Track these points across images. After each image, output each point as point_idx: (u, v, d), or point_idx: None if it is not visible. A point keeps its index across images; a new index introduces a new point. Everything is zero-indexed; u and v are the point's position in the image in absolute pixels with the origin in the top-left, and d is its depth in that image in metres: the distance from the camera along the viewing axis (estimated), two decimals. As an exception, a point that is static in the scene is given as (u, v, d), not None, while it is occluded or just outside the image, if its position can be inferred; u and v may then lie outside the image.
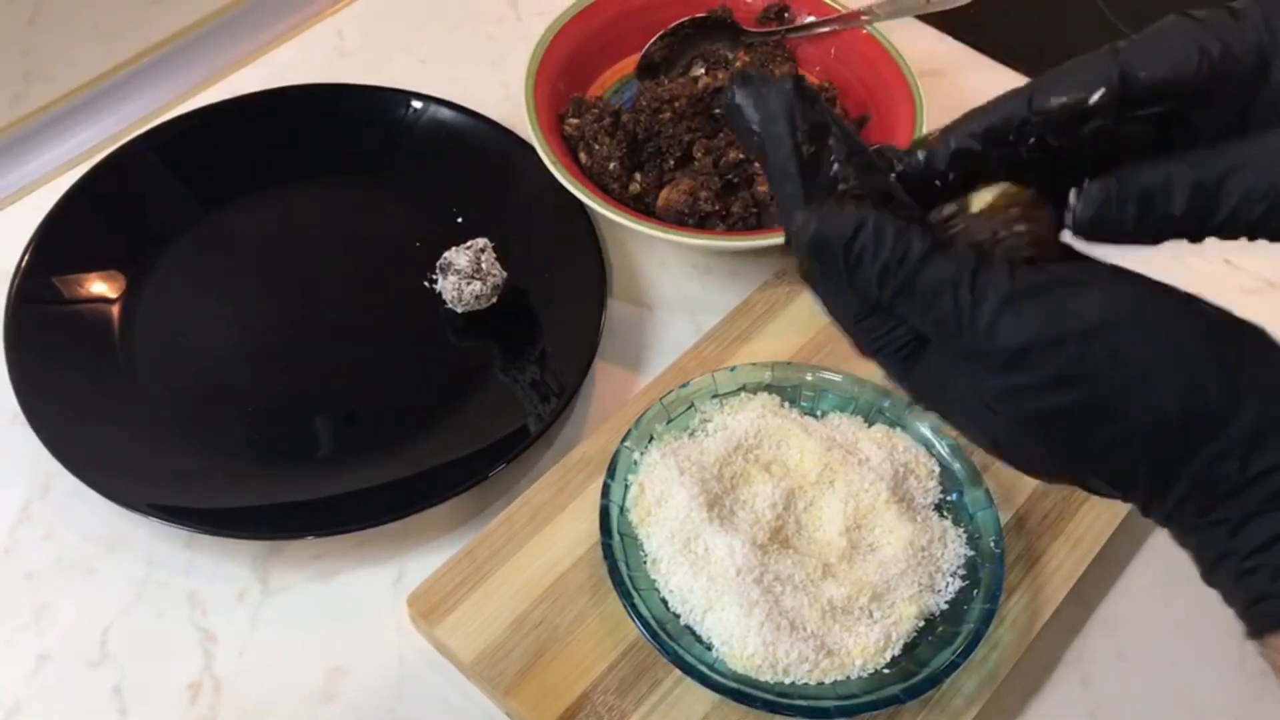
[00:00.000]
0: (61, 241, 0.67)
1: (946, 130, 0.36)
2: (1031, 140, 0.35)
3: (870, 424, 0.59)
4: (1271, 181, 0.32)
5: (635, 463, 0.57)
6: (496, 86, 0.80)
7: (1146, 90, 0.34)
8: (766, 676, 0.51)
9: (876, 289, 0.34)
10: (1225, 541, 0.33)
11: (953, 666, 0.51)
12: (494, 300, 0.66)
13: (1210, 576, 0.35)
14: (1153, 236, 0.34)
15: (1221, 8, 0.35)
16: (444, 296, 0.66)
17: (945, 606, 0.54)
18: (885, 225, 0.33)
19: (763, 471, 0.57)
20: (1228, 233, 0.34)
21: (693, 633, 0.52)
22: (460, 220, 0.71)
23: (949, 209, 0.36)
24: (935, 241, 0.34)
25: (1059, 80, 0.35)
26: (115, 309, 0.66)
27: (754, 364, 0.61)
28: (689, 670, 0.50)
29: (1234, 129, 0.34)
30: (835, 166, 0.35)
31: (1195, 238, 0.34)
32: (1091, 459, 0.34)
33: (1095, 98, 0.34)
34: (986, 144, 0.36)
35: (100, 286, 0.67)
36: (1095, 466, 0.34)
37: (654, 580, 0.54)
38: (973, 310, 0.33)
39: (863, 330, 0.37)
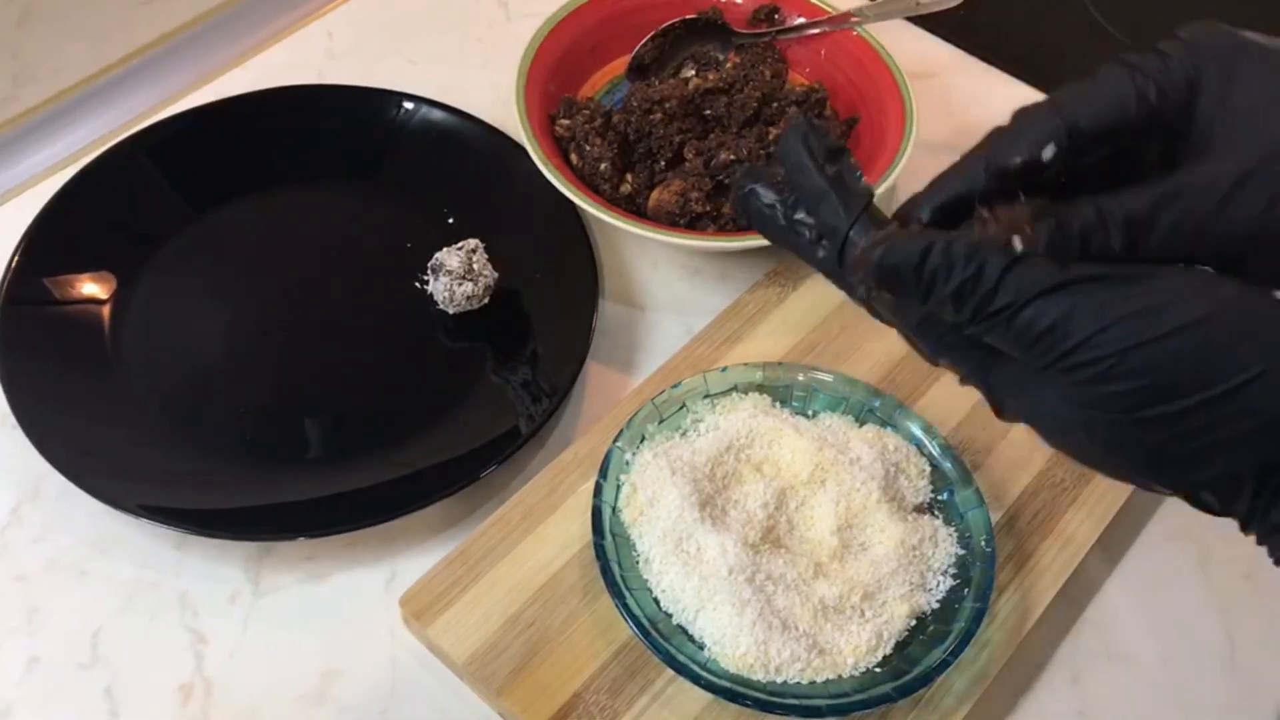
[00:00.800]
0: (51, 243, 0.67)
1: (908, 210, 0.37)
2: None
3: (861, 424, 0.59)
4: (1194, 217, 0.34)
5: (627, 463, 0.57)
6: (487, 88, 0.80)
7: (1092, 137, 0.36)
8: (759, 676, 0.51)
9: (954, 312, 0.34)
10: None
11: (944, 665, 0.51)
12: (485, 301, 0.66)
13: None
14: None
15: (1149, 51, 0.36)
16: (435, 297, 0.66)
17: (936, 605, 0.54)
18: (956, 245, 0.33)
19: (754, 471, 0.57)
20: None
21: (685, 632, 0.52)
22: (451, 221, 0.71)
23: None
24: (1011, 257, 0.33)
25: (1011, 142, 0.36)
26: (106, 310, 0.66)
27: (745, 364, 0.61)
28: (681, 670, 0.50)
29: (1173, 156, 0.36)
30: (861, 180, 0.37)
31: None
32: (1194, 466, 0.34)
33: (1048, 155, 0.35)
34: (945, 215, 0.36)
35: (91, 288, 0.66)
36: (1199, 473, 0.34)
37: (646, 580, 0.54)
38: (1063, 330, 0.33)
39: (936, 343, 0.37)
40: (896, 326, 0.38)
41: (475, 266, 0.64)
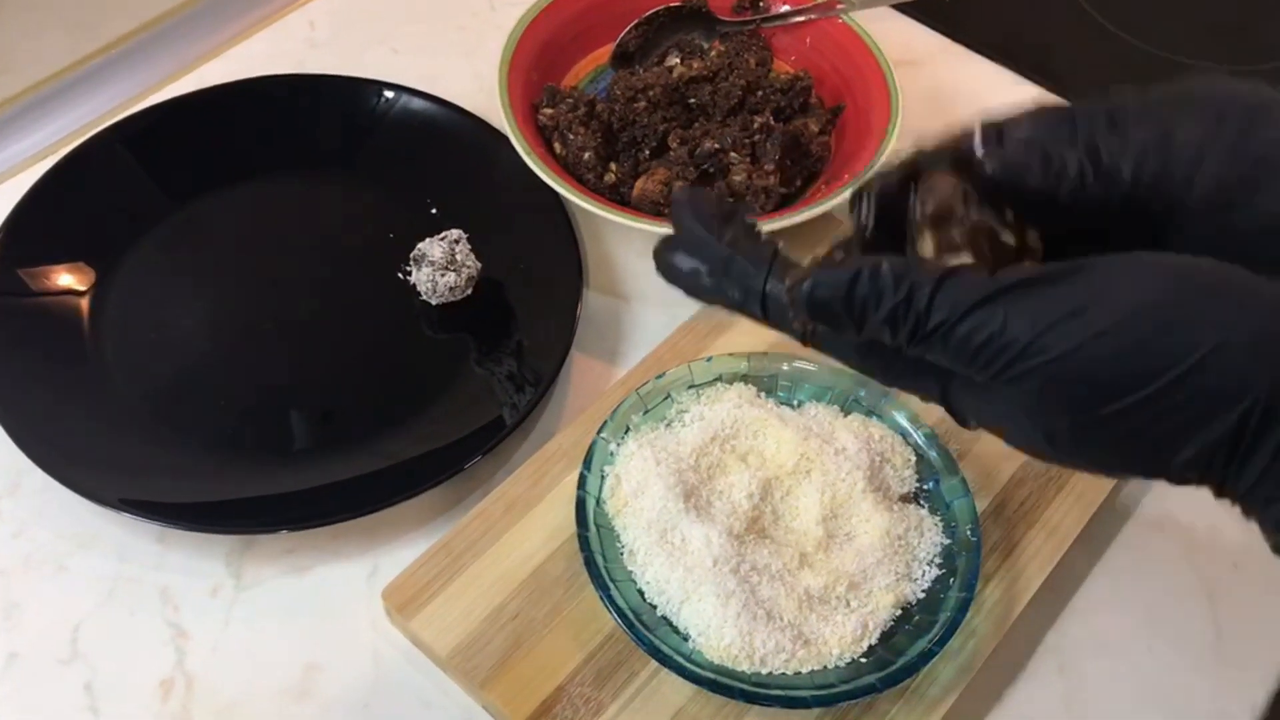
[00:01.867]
0: (29, 234, 0.66)
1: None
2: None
3: (847, 413, 0.59)
4: (1155, 136, 0.34)
5: (612, 454, 0.56)
6: (470, 77, 0.79)
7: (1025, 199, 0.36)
8: (743, 667, 0.50)
9: (890, 337, 0.34)
10: None
11: (929, 655, 0.51)
12: (469, 292, 0.65)
13: None
14: (1054, 187, 0.35)
15: (1104, 115, 0.36)
16: (418, 288, 0.65)
17: (922, 595, 0.54)
18: (883, 269, 0.33)
19: (739, 462, 0.56)
20: (1114, 188, 0.35)
21: (669, 624, 0.52)
22: (434, 211, 0.71)
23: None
24: (939, 275, 0.33)
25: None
26: (84, 302, 0.65)
27: (730, 354, 0.60)
28: (666, 661, 0.50)
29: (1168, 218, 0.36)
30: (761, 231, 0.36)
31: (1086, 199, 0.35)
32: (1161, 453, 0.33)
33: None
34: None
35: (69, 280, 0.66)
36: (1168, 459, 0.33)
37: (631, 571, 0.53)
38: (1001, 340, 0.32)
39: (885, 373, 0.37)
40: (848, 364, 0.38)
41: (458, 257, 0.64)
